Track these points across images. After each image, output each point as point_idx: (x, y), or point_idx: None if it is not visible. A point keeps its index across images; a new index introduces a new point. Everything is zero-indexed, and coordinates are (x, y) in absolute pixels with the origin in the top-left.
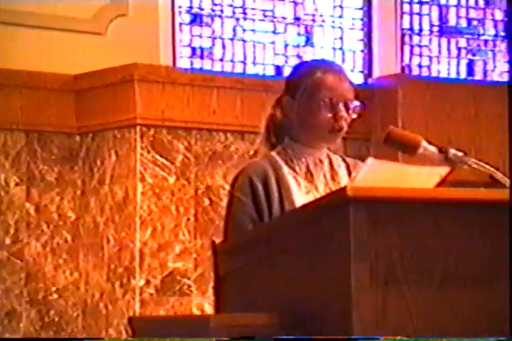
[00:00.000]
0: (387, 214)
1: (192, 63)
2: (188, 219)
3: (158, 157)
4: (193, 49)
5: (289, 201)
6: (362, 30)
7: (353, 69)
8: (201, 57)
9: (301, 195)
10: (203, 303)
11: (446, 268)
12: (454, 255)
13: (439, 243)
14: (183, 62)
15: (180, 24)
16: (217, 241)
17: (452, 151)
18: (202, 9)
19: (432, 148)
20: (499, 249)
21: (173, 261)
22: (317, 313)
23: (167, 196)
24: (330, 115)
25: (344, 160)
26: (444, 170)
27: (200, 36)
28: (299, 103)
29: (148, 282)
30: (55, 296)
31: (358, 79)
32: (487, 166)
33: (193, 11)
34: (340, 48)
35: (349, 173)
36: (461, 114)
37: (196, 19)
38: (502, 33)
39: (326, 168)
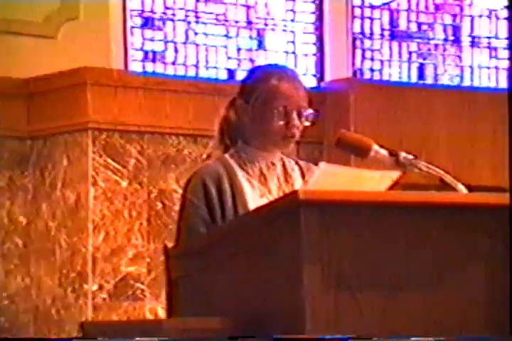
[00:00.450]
0: (338, 217)
1: (144, 67)
2: (141, 224)
3: (110, 161)
4: (145, 52)
5: (243, 204)
6: (314, 34)
7: (305, 73)
8: (153, 60)
9: (254, 198)
10: (156, 308)
11: (397, 271)
12: (405, 257)
13: (390, 246)
14: (135, 66)
15: (132, 27)
16: (170, 245)
17: (403, 155)
18: (154, 13)
19: (383, 152)
20: (448, 251)
21: (126, 266)
22: (270, 317)
23: (120, 200)
24: (282, 123)
25: (297, 164)
26: (395, 174)
27: (152, 40)
28: (252, 108)
29: (101, 287)
30: (6, 302)
31: (310, 82)
32: (437, 169)
33: (145, 14)
34: (293, 52)
35: (303, 176)
36: (412, 118)
37: (148, 22)
38: (451, 37)
39: (280, 171)
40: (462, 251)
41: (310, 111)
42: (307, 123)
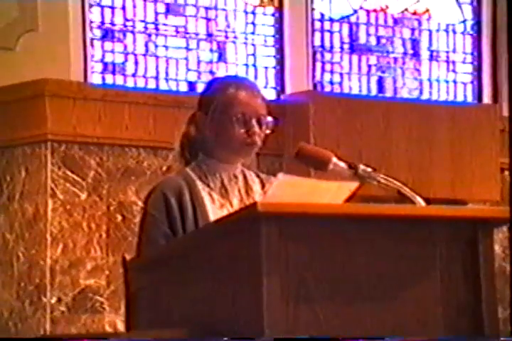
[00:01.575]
0: (297, 229)
1: (104, 79)
2: (100, 236)
3: (69, 173)
4: (105, 64)
5: (203, 217)
6: (274, 46)
7: (265, 86)
8: (113, 72)
9: (215, 211)
10: (115, 320)
11: (356, 282)
12: (363, 269)
13: (348, 257)
14: (95, 78)
15: (92, 39)
16: (129, 257)
17: (362, 167)
18: (114, 25)
19: (342, 164)
20: (406, 263)
21: (84, 278)
22: (229, 328)
23: (78, 212)
24: (243, 130)
25: (258, 176)
26: (353, 185)
27: (113, 51)
28: (212, 119)
29: (59, 300)
30: None
31: (270, 95)
32: (395, 182)
33: (105, 26)
34: (253, 65)
35: (263, 189)
36: (371, 130)
37: (108, 34)
38: (410, 51)
39: (241, 183)
40: (419, 262)
41: (269, 118)
42: (267, 131)
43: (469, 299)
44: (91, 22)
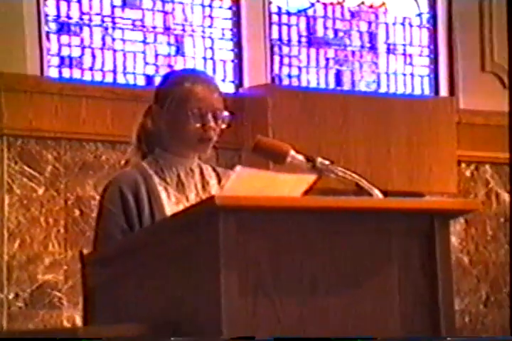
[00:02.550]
0: (255, 223)
1: (61, 72)
2: (58, 231)
3: (26, 168)
4: (62, 58)
5: (160, 211)
6: (232, 40)
7: (223, 79)
8: (70, 66)
9: (171, 206)
10: (74, 316)
11: (314, 276)
12: (322, 262)
13: (307, 251)
14: (52, 72)
15: (48, 33)
16: (86, 252)
17: (319, 160)
18: (70, 18)
19: (300, 157)
20: (364, 256)
21: (42, 274)
22: (188, 322)
23: (36, 207)
24: (198, 125)
25: (214, 170)
26: (311, 178)
27: (69, 45)
28: (167, 112)
29: (17, 295)
30: None
31: (228, 88)
32: (353, 175)
33: (61, 19)
34: (211, 58)
35: (219, 183)
36: (329, 124)
37: (64, 28)
38: (368, 44)
39: (197, 177)
40: (377, 255)
41: (226, 113)
42: (224, 126)
43: (426, 292)
44: (46, 15)
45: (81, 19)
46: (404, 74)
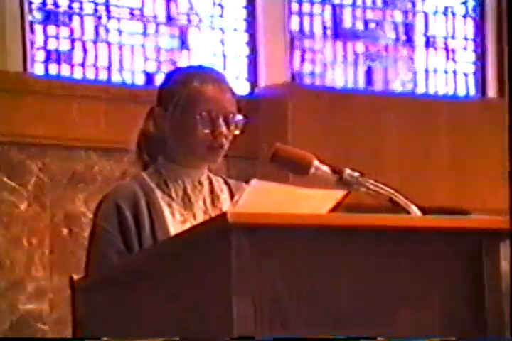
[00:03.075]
0: (272, 242)
1: (47, 69)
2: (43, 253)
3: (6, 179)
4: (48, 52)
5: (163, 230)
6: (246, 32)
7: (237, 78)
8: (58, 61)
9: (176, 224)
10: None
11: (340, 304)
12: (349, 289)
13: (332, 275)
14: (37, 68)
15: (32, 23)
16: (76, 277)
17: (348, 171)
18: (58, 6)
19: (325, 168)
20: (400, 282)
21: (24, 303)
22: None
23: (18, 225)
24: (208, 131)
25: (226, 182)
26: (339, 194)
27: (57, 37)
28: (172, 116)
29: None
30: None
31: (242, 88)
32: (387, 188)
33: (47, 7)
34: (222, 53)
35: (231, 197)
36: (359, 129)
37: (51, 17)
38: (403, 37)
39: (206, 191)
40: (414, 281)
41: (239, 117)
42: (237, 132)
43: (472, 326)
44: (30, 3)
45: (70, 7)
46: (446, 72)
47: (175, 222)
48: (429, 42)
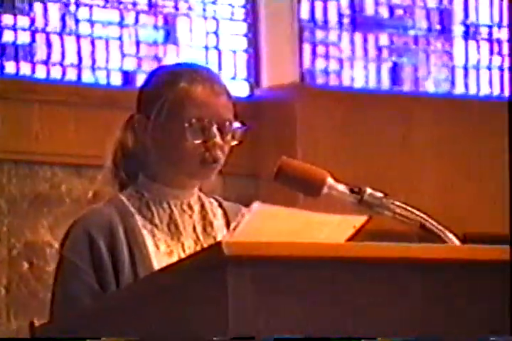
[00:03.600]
0: (278, 278)
1: (3, 67)
2: None
3: None
4: (3, 46)
5: (145, 266)
6: (245, 21)
7: (234, 77)
8: (16, 58)
9: (161, 257)
10: None
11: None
12: (370, 334)
13: (351, 318)
14: None
15: None
16: (38, 322)
17: (369, 191)
18: None
19: (341, 188)
20: (430, 324)
21: None
22: None
23: None
24: (199, 142)
25: (221, 206)
26: (359, 220)
27: (14, 28)
28: (155, 125)
29: None
30: None
31: (240, 90)
32: (416, 212)
33: None
34: (216, 47)
35: (227, 223)
36: (384, 138)
37: (6, 4)
38: (437, 27)
39: (197, 216)
40: (452, 323)
41: (236, 124)
42: (234, 143)
43: None
44: None
45: None
46: (490, 68)
47: (159, 254)
48: (468, 33)
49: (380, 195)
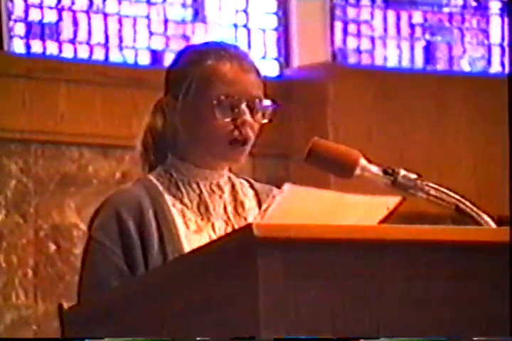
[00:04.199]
0: (310, 261)
1: (29, 46)
2: (25, 274)
3: None
4: (29, 25)
5: (174, 246)
6: None
7: (264, 56)
8: (42, 37)
9: (190, 237)
10: None
11: (386, 329)
12: (403, 316)
13: (382, 303)
14: (16, 45)
15: None
16: (67, 305)
17: (402, 173)
18: None
19: (374, 169)
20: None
21: (3, 335)
22: None
23: None
24: (228, 120)
25: (252, 187)
26: (392, 201)
27: (40, 6)
28: (183, 104)
29: None
30: None
31: (271, 69)
32: (451, 193)
33: None
34: (245, 26)
35: (259, 205)
36: (417, 119)
37: None
38: (473, 3)
39: (228, 197)
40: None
41: (267, 102)
42: (264, 121)
43: None
44: None
45: None
46: None
47: (189, 234)
48: (505, 9)
49: (414, 176)
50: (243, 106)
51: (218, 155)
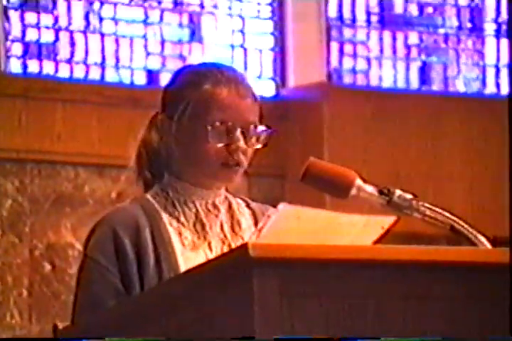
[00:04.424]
0: (304, 280)
1: (25, 66)
2: (20, 294)
3: None
4: (26, 45)
5: (170, 265)
6: (272, 19)
7: (259, 76)
8: (39, 56)
9: (187, 256)
10: None
11: None
12: (394, 331)
13: (378, 324)
14: (13, 65)
15: (6, 8)
16: (62, 325)
17: (398, 193)
18: None
19: (370, 189)
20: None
21: None
22: None
23: None
24: (222, 145)
25: (248, 206)
26: (387, 221)
27: (37, 26)
28: (178, 126)
29: None
30: None
31: (266, 89)
32: (446, 214)
33: None
34: (241, 46)
35: (256, 224)
36: (413, 139)
37: (28, 2)
38: (468, 25)
39: (224, 216)
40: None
41: (261, 127)
42: (258, 146)
43: None
44: None
45: None
46: None
47: (185, 252)
48: (500, 31)
49: (409, 196)
50: (237, 132)
51: (210, 175)
